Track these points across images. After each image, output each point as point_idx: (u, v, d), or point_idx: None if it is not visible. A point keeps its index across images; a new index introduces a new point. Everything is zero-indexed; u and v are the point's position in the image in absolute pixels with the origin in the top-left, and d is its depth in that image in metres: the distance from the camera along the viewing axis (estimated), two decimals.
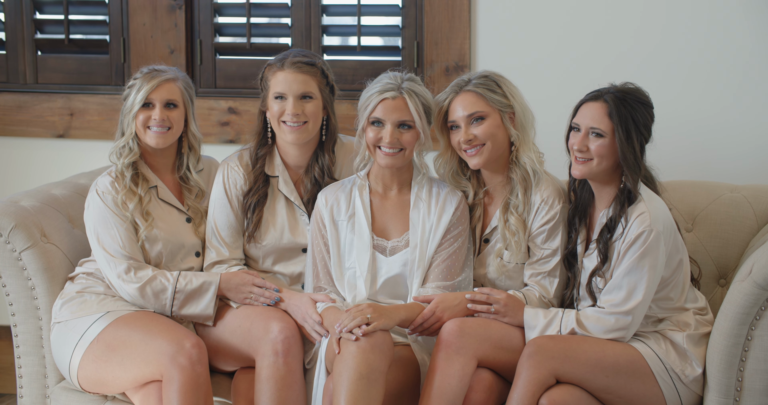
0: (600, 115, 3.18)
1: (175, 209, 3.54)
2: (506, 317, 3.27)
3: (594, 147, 3.19)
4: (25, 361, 3.54)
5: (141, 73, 3.53)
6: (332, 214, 3.43)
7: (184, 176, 3.61)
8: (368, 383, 3.05)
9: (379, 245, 3.41)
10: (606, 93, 3.20)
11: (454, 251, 3.37)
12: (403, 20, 4.20)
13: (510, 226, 3.36)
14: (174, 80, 3.52)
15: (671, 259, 3.19)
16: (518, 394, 3.11)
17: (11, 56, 4.48)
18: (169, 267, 3.49)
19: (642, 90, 3.24)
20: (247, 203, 3.51)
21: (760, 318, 3.13)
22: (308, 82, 3.49)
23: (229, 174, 3.55)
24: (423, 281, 3.36)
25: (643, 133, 3.20)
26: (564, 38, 4.03)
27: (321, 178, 3.54)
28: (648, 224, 3.12)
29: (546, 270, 3.37)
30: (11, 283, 3.51)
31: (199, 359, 3.23)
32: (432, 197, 3.42)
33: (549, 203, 3.36)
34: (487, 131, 3.35)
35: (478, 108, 3.36)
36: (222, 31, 4.39)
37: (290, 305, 3.40)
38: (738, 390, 3.17)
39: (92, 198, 3.48)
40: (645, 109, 3.20)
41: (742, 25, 3.91)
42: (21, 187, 4.23)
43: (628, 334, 3.20)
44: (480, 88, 3.36)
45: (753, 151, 3.95)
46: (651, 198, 3.20)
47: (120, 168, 3.48)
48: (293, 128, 3.47)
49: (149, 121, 3.48)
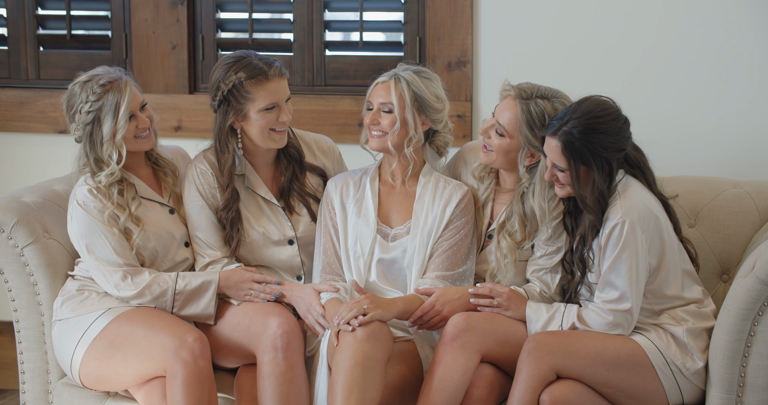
0: (557, 153, 3.17)
1: (158, 204, 3.48)
2: (509, 311, 3.27)
3: (561, 178, 3.21)
4: (27, 357, 3.54)
5: (93, 92, 3.32)
6: (342, 197, 3.46)
7: (155, 162, 3.54)
8: (364, 370, 3.06)
9: (382, 231, 3.43)
10: (561, 126, 3.15)
11: (457, 242, 3.38)
12: (405, 16, 4.20)
13: (502, 248, 3.37)
14: (128, 81, 3.38)
15: (654, 244, 3.19)
16: (519, 391, 3.12)
17: (13, 52, 4.47)
18: (165, 261, 3.46)
19: (604, 113, 3.15)
20: (226, 218, 3.46)
21: (762, 314, 3.13)
22: (287, 83, 3.46)
23: (200, 176, 3.48)
24: (423, 271, 3.37)
25: (607, 157, 3.14)
26: (566, 33, 4.03)
27: (296, 162, 3.52)
28: (620, 216, 3.13)
29: (549, 266, 3.37)
30: (13, 279, 3.51)
31: (201, 353, 3.23)
32: (438, 190, 3.44)
33: (555, 201, 3.37)
34: (500, 146, 3.36)
35: (505, 124, 3.33)
36: (224, 26, 4.39)
37: (293, 297, 3.40)
38: (740, 385, 3.16)
39: (74, 210, 3.39)
40: (605, 136, 3.13)
41: (744, 21, 3.90)
42: (23, 183, 4.23)
43: (628, 329, 3.20)
44: (524, 114, 3.29)
45: (756, 147, 3.94)
46: (627, 189, 3.19)
47: (103, 186, 3.36)
48: (282, 132, 3.45)
49: (135, 131, 3.38)
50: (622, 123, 3.18)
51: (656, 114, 3.19)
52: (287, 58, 4.30)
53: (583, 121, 3.14)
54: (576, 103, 3.20)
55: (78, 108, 3.36)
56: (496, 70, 4.07)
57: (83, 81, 3.38)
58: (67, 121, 3.43)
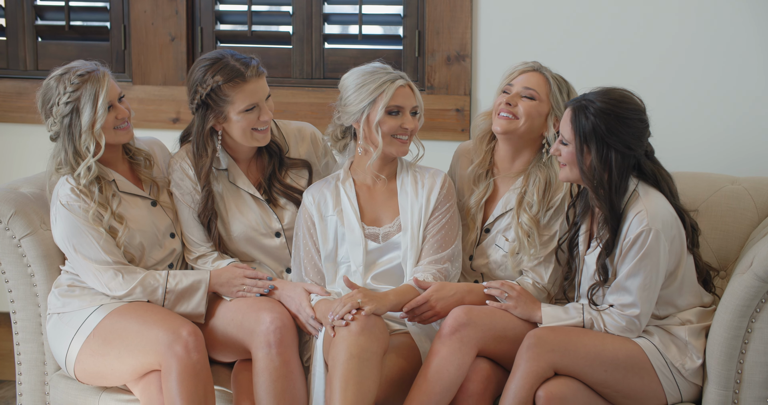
0: (566, 121, 3.16)
1: (139, 198, 3.46)
2: (517, 309, 3.26)
3: (564, 153, 3.18)
4: (24, 348, 3.54)
5: (71, 83, 3.29)
6: (320, 210, 3.43)
7: (131, 157, 3.51)
8: (359, 362, 3.06)
9: (372, 233, 3.41)
10: (583, 99, 3.15)
11: (444, 226, 3.38)
12: (404, 9, 4.19)
13: (523, 225, 3.37)
14: (106, 73, 3.36)
15: (674, 250, 3.18)
16: (515, 385, 3.11)
17: (11, 42, 4.46)
18: (152, 254, 3.44)
19: (629, 106, 3.13)
20: (204, 218, 3.46)
21: (760, 310, 3.13)
22: (266, 81, 3.44)
23: (183, 174, 3.49)
24: (417, 260, 3.37)
25: (614, 145, 3.10)
26: (565, 27, 4.02)
27: (278, 157, 3.52)
28: (646, 224, 3.10)
29: (542, 256, 3.37)
30: (10, 270, 3.51)
31: (195, 347, 3.22)
32: (417, 182, 3.43)
33: (552, 189, 3.39)
34: (530, 110, 3.38)
35: (536, 88, 3.39)
36: (223, 18, 4.38)
37: (284, 295, 3.40)
38: (737, 382, 3.17)
39: (58, 210, 3.35)
40: (620, 124, 3.10)
41: (742, 17, 3.90)
42: (20, 174, 4.22)
43: (636, 334, 3.20)
44: (553, 80, 3.41)
45: (754, 143, 3.94)
46: (648, 194, 3.17)
47: (83, 186, 3.33)
48: (264, 132, 3.44)
49: (114, 121, 3.36)
50: (641, 122, 3.15)
51: (654, 110, 3.19)
52: (286, 50, 4.29)
53: (607, 101, 3.12)
54: (607, 87, 3.18)
55: (55, 100, 3.32)
56: (496, 64, 4.06)
57: (59, 74, 3.34)
58: (43, 117, 3.38)
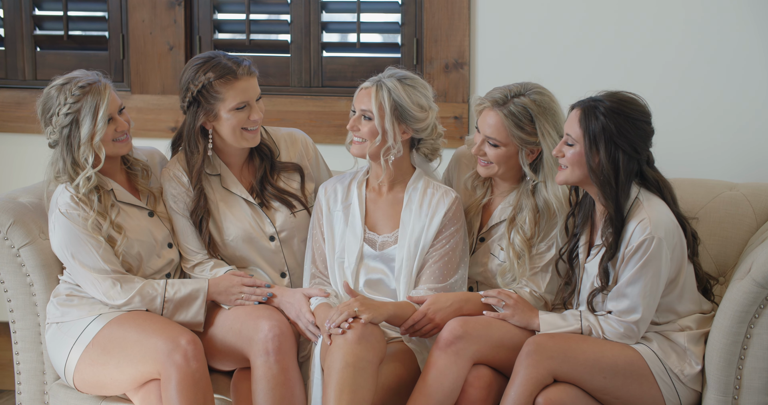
0: (574, 121, 3.16)
1: (136, 208, 3.46)
2: (514, 317, 3.26)
3: (567, 154, 3.17)
4: (23, 358, 3.54)
5: (71, 94, 3.28)
6: (329, 203, 3.45)
7: (129, 167, 3.51)
8: (354, 371, 3.06)
9: (370, 239, 3.41)
10: (591, 100, 3.15)
11: (448, 252, 3.36)
12: (402, 17, 4.20)
13: (515, 246, 3.36)
14: (107, 84, 3.36)
15: (675, 258, 3.17)
16: (515, 392, 3.11)
17: (10, 52, 4.47)
18: (150, 264, 3.44)
19: (635, 108, 3.15)
20: (195, 219, 3.47)
21: (759, 316, 3.13)
22: (257, 82, 3.45)
23: (175, 182, 3.49)
24: (415, 283, 3.36)
25: (621, 146, 3.11)
26: (564, 34, 4.03)
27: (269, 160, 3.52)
28: (649, 232, 3.10)
29: (539, 265, 3.37)
30: (10, 280, 3.51)
31: (194, 355, 3.22)
32: (426, 198, 3.40)
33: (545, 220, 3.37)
34: (498, 157, 3.35)
35: (495, 135, 3.33)
36: (221, 27, 4.38)
37: (283, 302, 3.40)
38: (737, 388, 3.17)
39: (57, 218, 3.35)
40: (627, 124, 3.11)
41: (740, 21, 3.90)
42: (19, 184, 4.22)
43: (634, 340, 3.20)
44: (509, 118, 3.31)
45: (752, 149, 3.94)
46: (651, 202, 3.17)
47: (83, 195, 3.34)
48: (254, 132, 3.44)
49: (114, 134, 3.36)
50: (648, 125, 3.16)
51: (655, 118, 3.20)
52: (284, 59, 4.30)
53: (614, 101, 3.13)
54: (612, 90, 3.19)
55: (55, 110, 3.32)
56: (494, 71, 4.07)
57: (60, 84, 3.34)
58: (42, 125, 3.38)
